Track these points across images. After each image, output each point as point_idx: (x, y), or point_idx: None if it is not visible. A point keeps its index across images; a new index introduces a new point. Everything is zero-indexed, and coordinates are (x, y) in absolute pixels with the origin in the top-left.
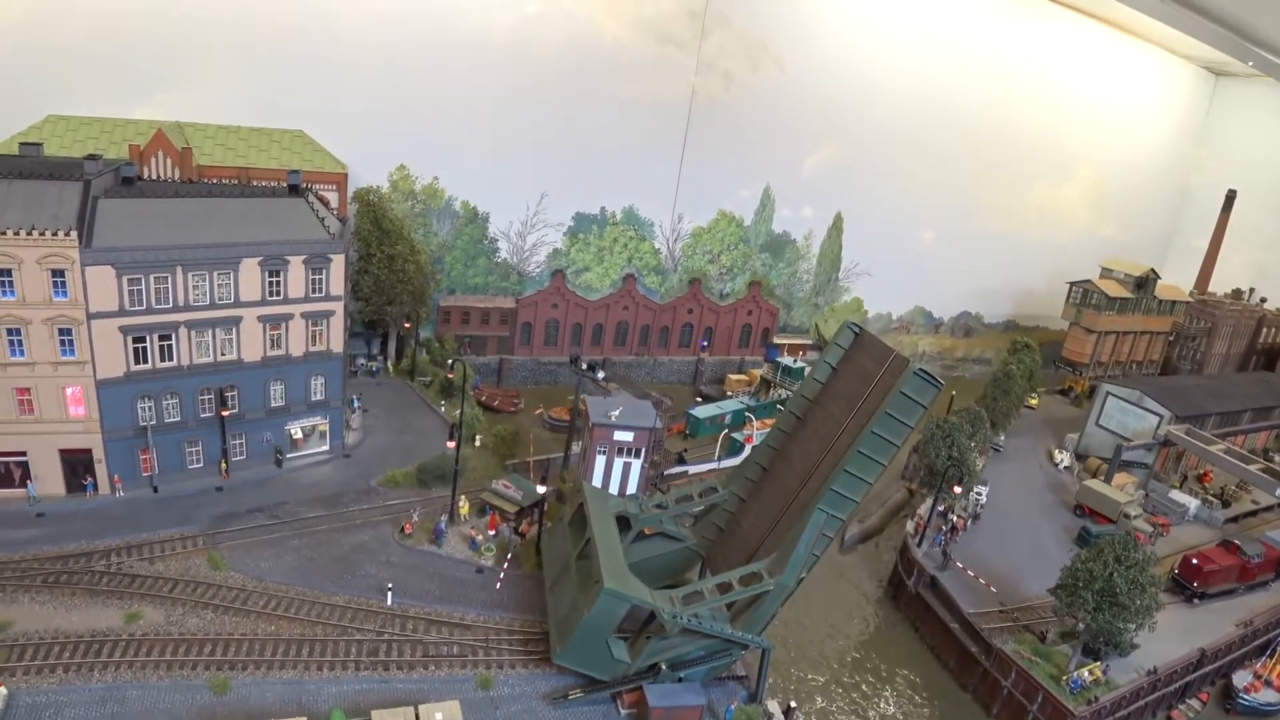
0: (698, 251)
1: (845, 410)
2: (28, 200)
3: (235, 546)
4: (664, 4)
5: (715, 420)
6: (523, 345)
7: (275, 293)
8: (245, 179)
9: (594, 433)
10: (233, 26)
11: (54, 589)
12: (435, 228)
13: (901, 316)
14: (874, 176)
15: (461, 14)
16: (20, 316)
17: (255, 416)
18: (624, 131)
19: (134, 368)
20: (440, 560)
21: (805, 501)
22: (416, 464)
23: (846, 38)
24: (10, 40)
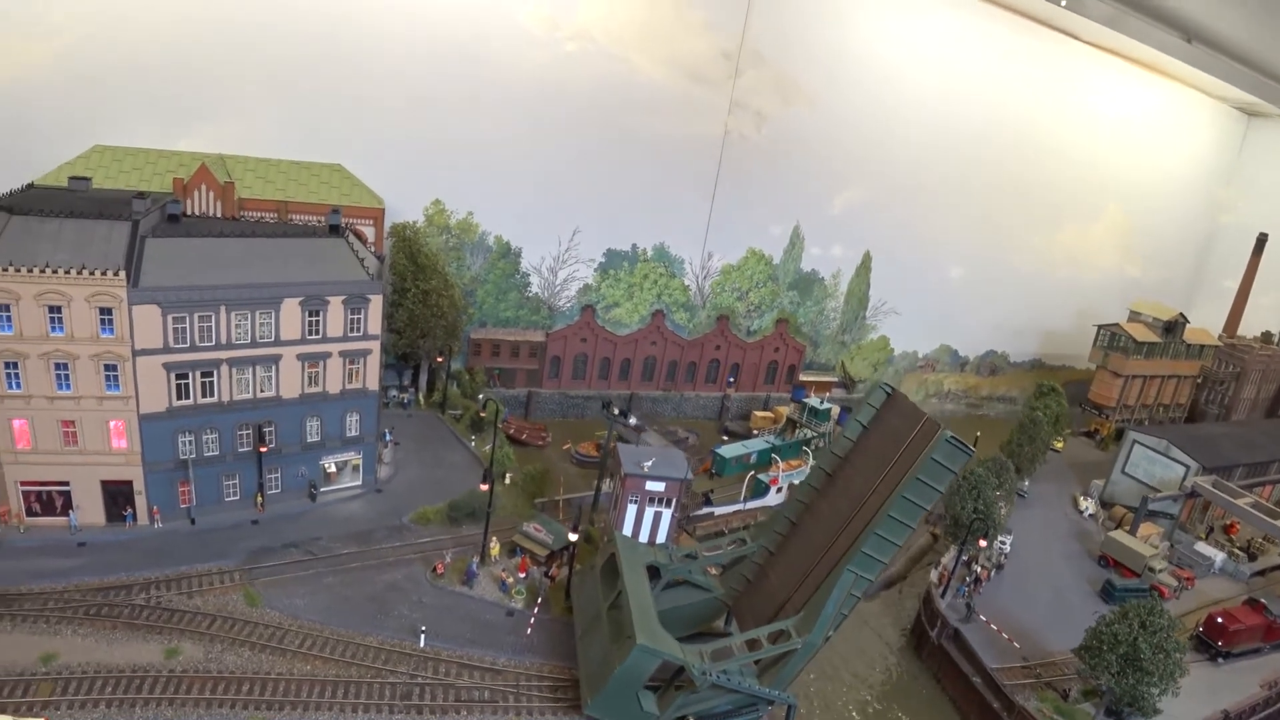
0: (726, 289)
1: (875, 470)
2: (78, 239)
3: (271, 582)
4: (698, 44)
5: (741, 460)
6: (551, 378)
7: (315, 332)
8: (284, 213)
9: (626, 483)
10: (274, 60)
11: (95, 621)
12: (468, 262)
13: (927, 355)
14: (903, 215)
15: (499, 51)
16: (68, 352)
17: (291, 451)
18: (657, 169)
19: (176, 403)
20: (471, 602)
21: (834, 559)
22: (448, 501)
23: (878, 77)
24: (58, 70)
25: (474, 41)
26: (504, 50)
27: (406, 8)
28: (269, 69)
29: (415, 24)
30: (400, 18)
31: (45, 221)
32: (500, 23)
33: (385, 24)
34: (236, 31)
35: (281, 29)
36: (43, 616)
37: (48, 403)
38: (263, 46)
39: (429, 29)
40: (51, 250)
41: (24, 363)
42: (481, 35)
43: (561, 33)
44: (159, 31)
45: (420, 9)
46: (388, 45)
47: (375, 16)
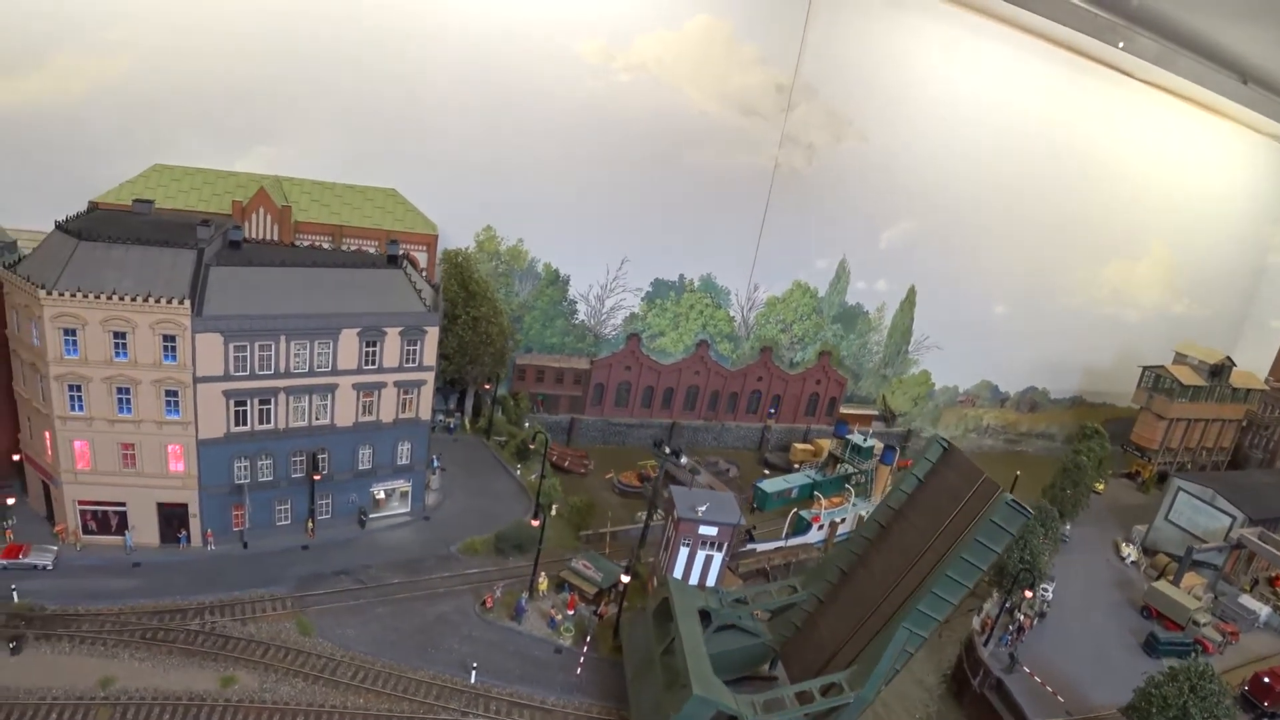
0: (771, 320)
1: (931, 526)
2: (144, 266)
3: (323, 611)
4: (752, 77)
5: (783, 494)
6: (594, 405)
7: (371, 362)
8: (339, 237)
9: (680, 526)
10: (331, 84)
11: (152, 646)
12: (517, 288)
13: (968, 390)
14: (949, 250)
15: (554, 80)
16: (131, 377)
17: (343, 478)
18: (706, 201)
19: (234, 429)
20: (520, 638)
21: (887, 613)
22: (495, 532)
23: (929, 112)
24: (119, 91)
25: (530, 70)
26: (559, 79)
27: (464, 35)
28: (326, 93)
29: (472, 51)
30: (457, 45)
31: (112, 248)
32: (557, 52)
33: (442, 50)
34: (295, 55)
35: (339, 54)
36: (100, 639)
37: (108, 425)
38: (320, 70)
39: (485, 56)
40: (118, 277)
41: (87, 386)
42: (537, 64)
43: (616, 63)
44: (219, 54)
45: (478, 37)
46: (444, 71)
47: (433, 43)
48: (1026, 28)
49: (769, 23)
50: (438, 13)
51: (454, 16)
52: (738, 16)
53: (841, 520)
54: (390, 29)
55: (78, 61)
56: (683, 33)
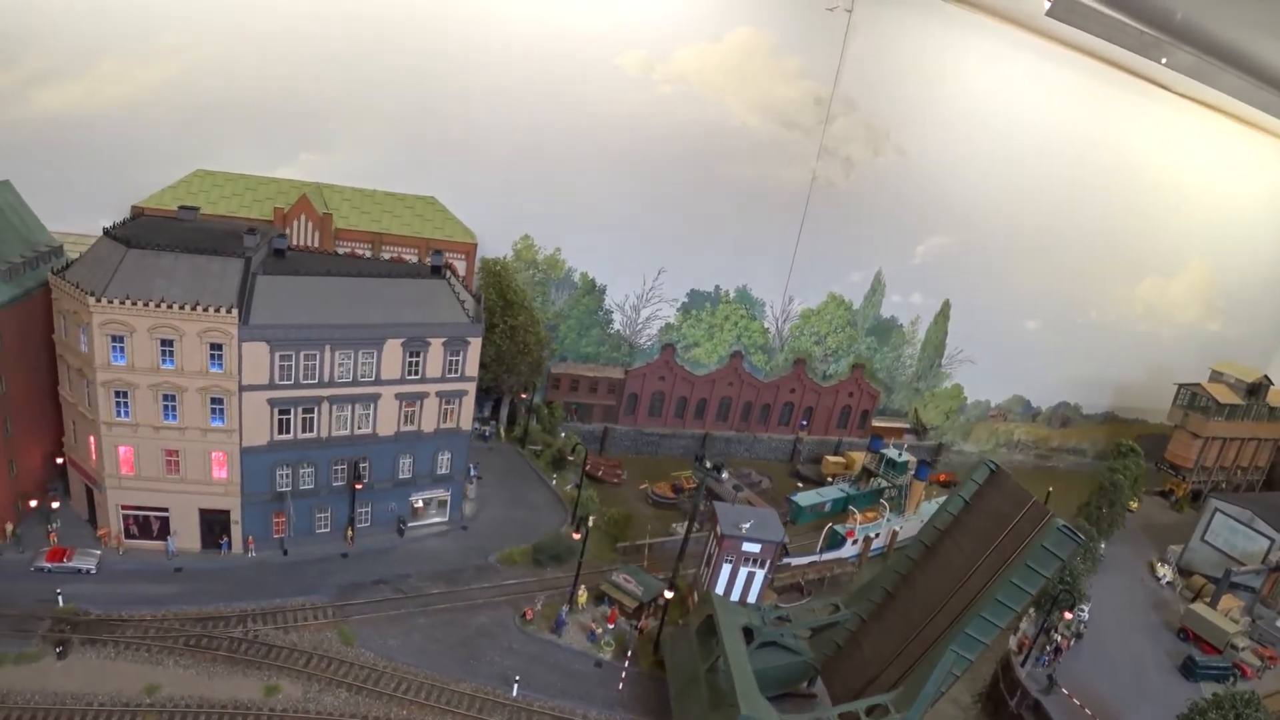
0: (805, 332)
1: (978, 549)
2: (192, 274)
3: (364, 621)
4: (792, 90)
5: (816, 508)
6: (627, 415)
7: (414, 372)
8: (378, 244)
9: (723, 543)
10: (372, 92)
11: (195, 653)
12: (553, 297)
13: (999, 404)
14: (984, 264)
15: (595, 91)
16: (177, 384)
17: (383, 487)
18: (744, 212)
19: (277, 437)
20: (560, 651)
21: (931, 635)
22: (532, 543)
23: (966, 125)
24: (164, 96)
25: (571, 81)
26: (600, 90)
27: (508, 45)
28: (369, 101)
29: (515, 61)
30: (501, 55)
31: (160, 255)
32: (598, 64)
33: (485, 60)
34: (339, 63)
35: (383, 62)
36: (144, 645)
37: (153, 431)
38: (363, 78)
39: (528, 66)
40: (166, 285)
41: (134, 392)
42: (579, 75)
43: (657, 75)
44: (264, 61)
45: (522, 47)
46: (486, 80)
47: (476, 52)
48: (1067, 41)
49: (810, 35)
50: (482, 23)
51: (498, 27)
52: (779, 29)
53: (876, 535)
54: (434, 39)
55: (124, 67)
56: (724, 45)
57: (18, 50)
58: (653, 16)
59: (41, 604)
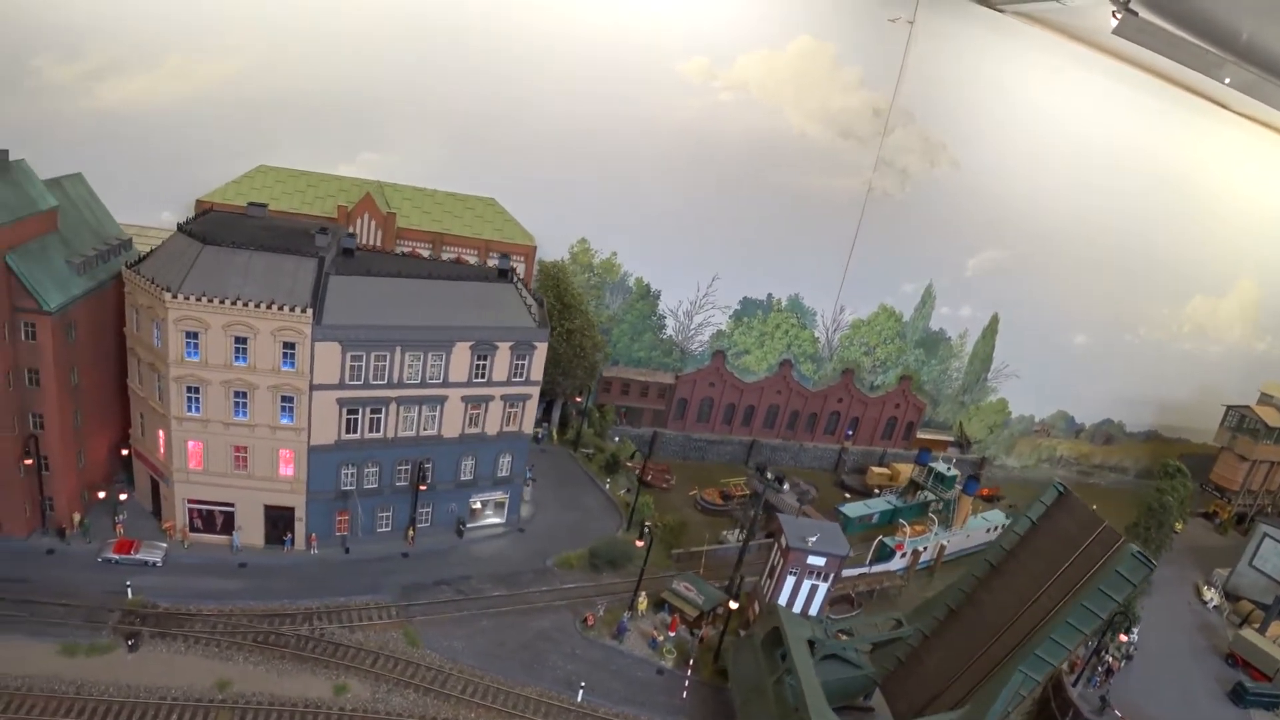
0: (855, 343)
1: (1045, 571)
2: (266, 272)
3: (427, 622)
4: (851, 99)
5: (864, 520)
6: (676, 420)
7: (480, 375)
8: (439, 244)
9: (789, 556)
10: (434, 92)
11: (264, 649)
12: (607, 301)
13: (1043, 419)
14: (1033, 279)
15: (655, 97)
16: (249, 382)
17: (445, 488)
18: (799, 221)
19: (344, 437)
20: (622, 657)
21: (998, 655)
22: (589, 546)
23: (1022, 140)
24: (228, 92)
25: (632, 85)
26: (661, 96)
27: (571, 49)
28: (429, 101)
29: (578, 65)
30: (564, 59)
31: (236, 253)
32: (661, 70)
33: (548, 63)
34: (402, 64)
35: (445, 63)
36: (213, 640)
37: (223, 428)
38: (424, 78)
39: (591, 70)
40: (241, 282)
41: (206, 388)
42: (641, 80)
43: (718, 82)
44: (327, 59)
45: (585, 51)
46: (548, 83)
47: (540, 56)
48: (1124, 56)
49: (871, 46)
50: (546, 27)
51: (562, 30)
52: (841, 38)
53: (923, 549)
54: (497, 41)
55: (188, 62)
56: (785, 53)
57: (83, 44)
58: (716, 23)
59: (110, 595)
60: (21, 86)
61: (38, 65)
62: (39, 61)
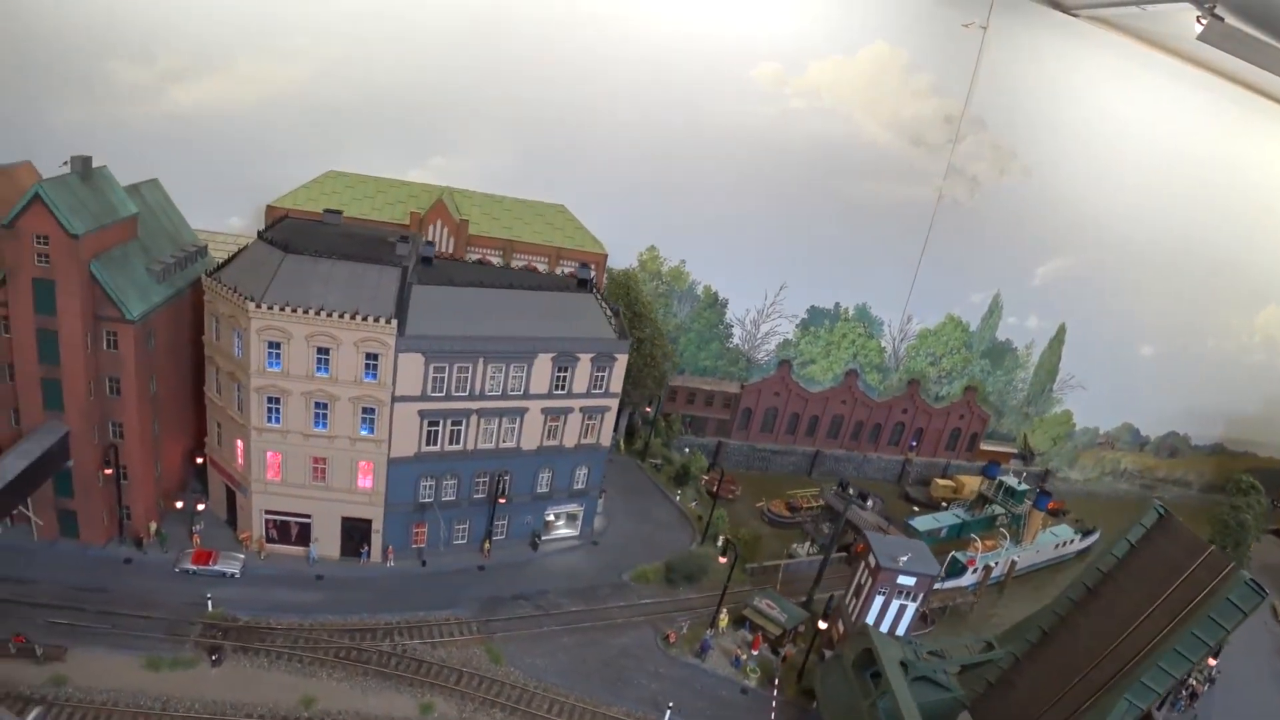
0: (921, 353)
1: (1148, 596)
2: (349, 282)
3: (508, 638)
4: (923, 107)
5: (933, 533)
6: (740, 430)
7: (561, 387)
8: (509, 252)
9: (880, 575)
10: (504, 99)
11: (347, 666)
12: (675, 309)
13: (1108, 431)
14: (1102, 288)
15: (727, 104)
16: (330, 393)
17: (521, 501)
18: (868, 230)
19: (424, 449)
20: (705, 676)
21: (1098, 681)
22: (665, 560)
23: (1093, 147)
24: (297, 97)
25: (702, 91)
26: (732, 103)
27: (642, 55)
28: (500, 107)
29: (649, 70)
30: (634, 64)
31: (318, 262)
32: (732, 76)
33: (619, 70)
34: (469, 68)
35: (512, 68)
36: (295, 655)
37: (302, 439)
38: (493, 84)
39: (662, 76)
40: (324, 292)
41: (286, 399)
42: (711, 86)
43: (789, 89)
44: (398, 64)
45: (656, 57)
46: (619, 89)
47: (610, 62)
48: (1200, 62)
49: (943, 52)
50: (617, 32)
51: (633, 35)
52: (913, 45)
53: (995, 564)
54: (566, 46)
55: (259, 67)
56: (857, 60)
57: (156, 48)
58: (789, 30)
59: (190, 607)
60: (94, 91)
61: (110, 69)
62: (112, 65)
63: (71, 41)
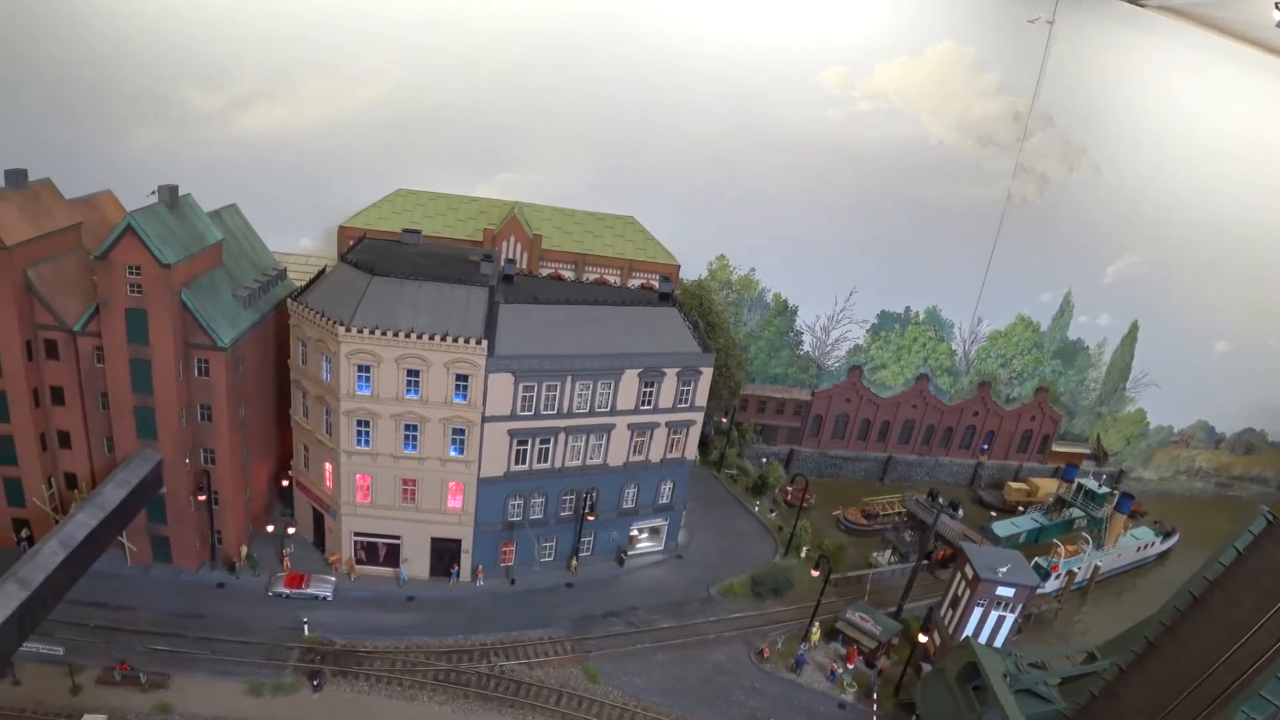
0: (991, 355)
1: (1259, 606)
2: (437, 303)
3: (604, 656)
4: (990, 106)
5: (1012, 539)
6: (811, 437)
7: (647, 402)
8: (581, 265)
9: (977, 587)
10: (572, 112)
11: (446, 688)
12: (745, 318)
13: (1182, 430)
14: (1175, 284)
15: (794, 109)
16: (420, 415)
17: (608, 517)
18: (937, 232)
19: (513, 468)
20: (801, 691)
21: (1211, 693)
22: (750, 573)
23: (1164, 141)
24: (362, 117)
25: (770, 98)
26: (799, 108)
27: (708, 63)
28: (567, 119)
29: (715, 79)
30: (701, 73)
31: (405, 284)
32: (799, 81)
33: (684, 78)
34: (535, 83)
35: (581, 82)
36: (395, 679)
37: (392, 461)
38: (562, 97)
39: (728, 83)
40: (412, 314)
41: (376, 422)
42: (779, 92)
43: (856, 92)
44: (461, 82)
45: (722, 65)
46: (685, 98)
47: (675, 72)
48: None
49: (1010, 49)
50: (683, 41)
51: (698, 44)
52: (980, 42)
53: (1078, 570)
54: (635, 57)
55: (327, 89)
56: (924, 60)
57: (225, 74)
58: (856, 32)
59: (285, 631)
60: (166, 117)
61: (182, 96)
62: (184, 92)
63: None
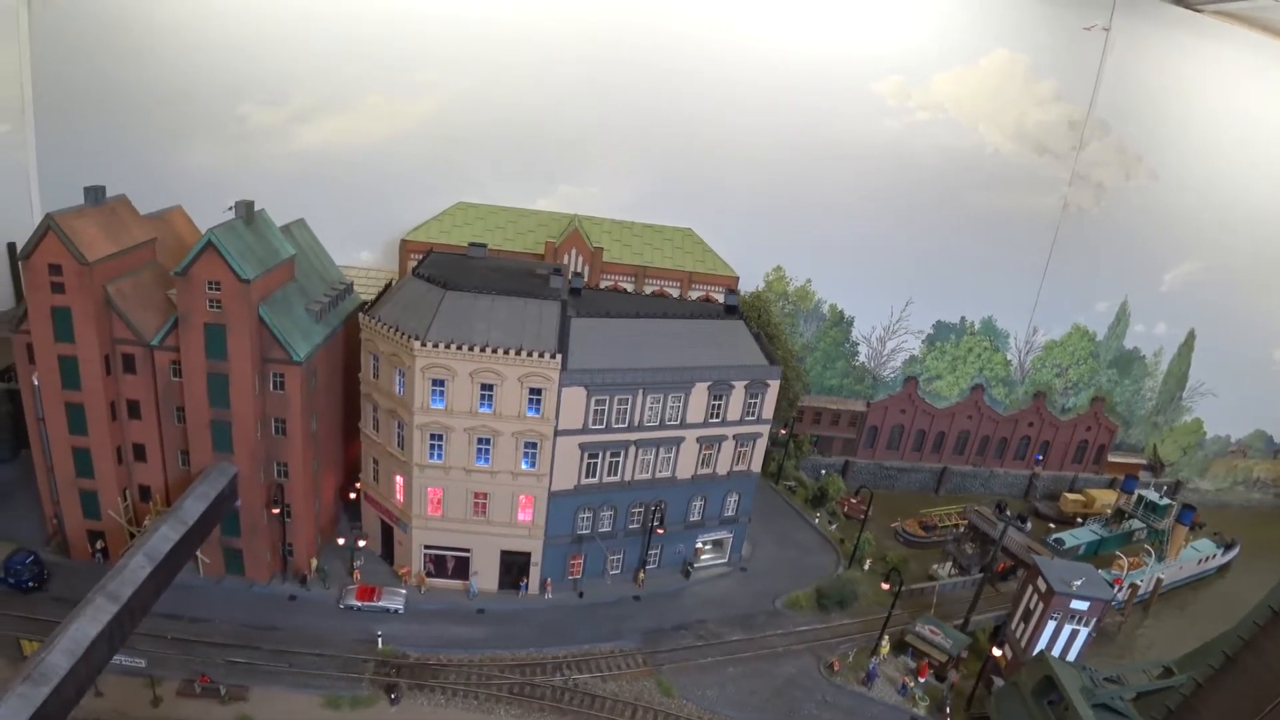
0: (1047, 364)
1: None
2: (510, 317)
3: (676, 669)
4: (1046, 114)
5: (1072, 551)
6: (866, 448)
7: (715, 415)
8: (641, 277)
9: (1051, 600)
10: (630, 124)
11: (522, 702)
12: (801, 329)
13: (1240, 439)
14: (1233, 292)
15: (851, 120)
16: (493, 428)
17: (674, 530)
18: (993, 241)
19: (583, 481)
20: (874, 705)
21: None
22: (815, 585)
23: (1222, 147)
24: (423, 130)
25: (828, 109)
26: (856, 119)
27: (766, 74)
28: (626, 132)
29: (772, 90)
30: (759, 84)
31: (478, 298)
32: (856, 92)
33: (742, 90)
34: (593, 95)
35: (639, 94)
36: (470, 692)
37: (464, 474)
38: (620, 110)
39: (786, 95)
40: (485, 328)
41: (449, 435)
42: (836, 103)
43: (913, 102)
44: (520, 96)
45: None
46: (743, 109)
47: (734, 84)
48: None
49: (1066, 56)
50: (736, 52)
51: (754, 56)
52: (1035, 50)
53: (1140, 582)
54: (693, 69)
55: (386, 103)
56: (979, 69)
57: (287, 90)
58: (913, 42)
59: (359, 643)
60: (226, 133)
61: (243, 112)
62: (244, 108)
63: (203, 87)
